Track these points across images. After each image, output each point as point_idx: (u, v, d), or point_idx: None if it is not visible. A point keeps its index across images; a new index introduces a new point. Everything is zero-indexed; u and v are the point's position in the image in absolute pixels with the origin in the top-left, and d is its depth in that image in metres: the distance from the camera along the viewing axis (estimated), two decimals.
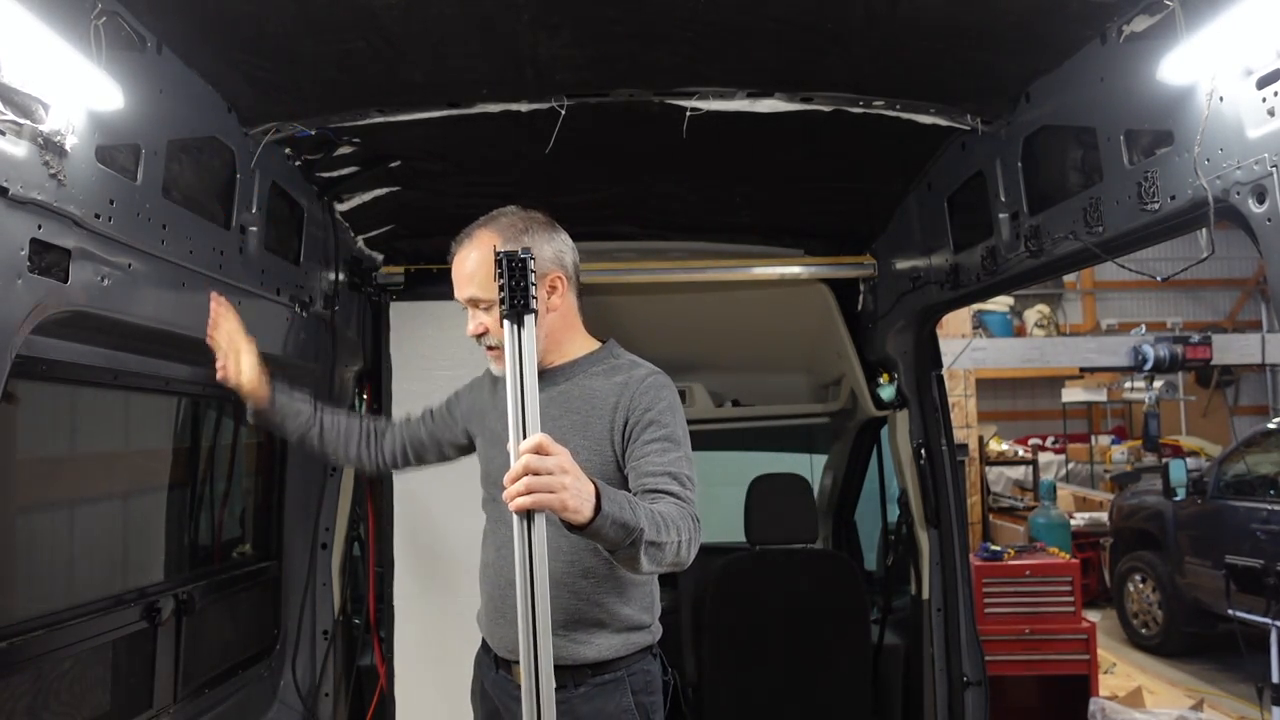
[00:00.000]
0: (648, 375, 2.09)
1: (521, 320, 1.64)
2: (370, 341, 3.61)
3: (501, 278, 1.62)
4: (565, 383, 2.11)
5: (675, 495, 1.90)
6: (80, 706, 2.29)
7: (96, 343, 2.13)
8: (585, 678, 2.03)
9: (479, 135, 2.70)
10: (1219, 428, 13.61)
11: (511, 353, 1.66)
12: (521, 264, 1.62)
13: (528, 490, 1.57)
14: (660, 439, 1.98)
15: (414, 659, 3.46)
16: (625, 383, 2.06)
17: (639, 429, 2.00)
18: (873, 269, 3.80)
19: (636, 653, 2.10)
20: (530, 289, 1.62)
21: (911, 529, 3.78)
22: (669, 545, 1.78)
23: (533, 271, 1.63)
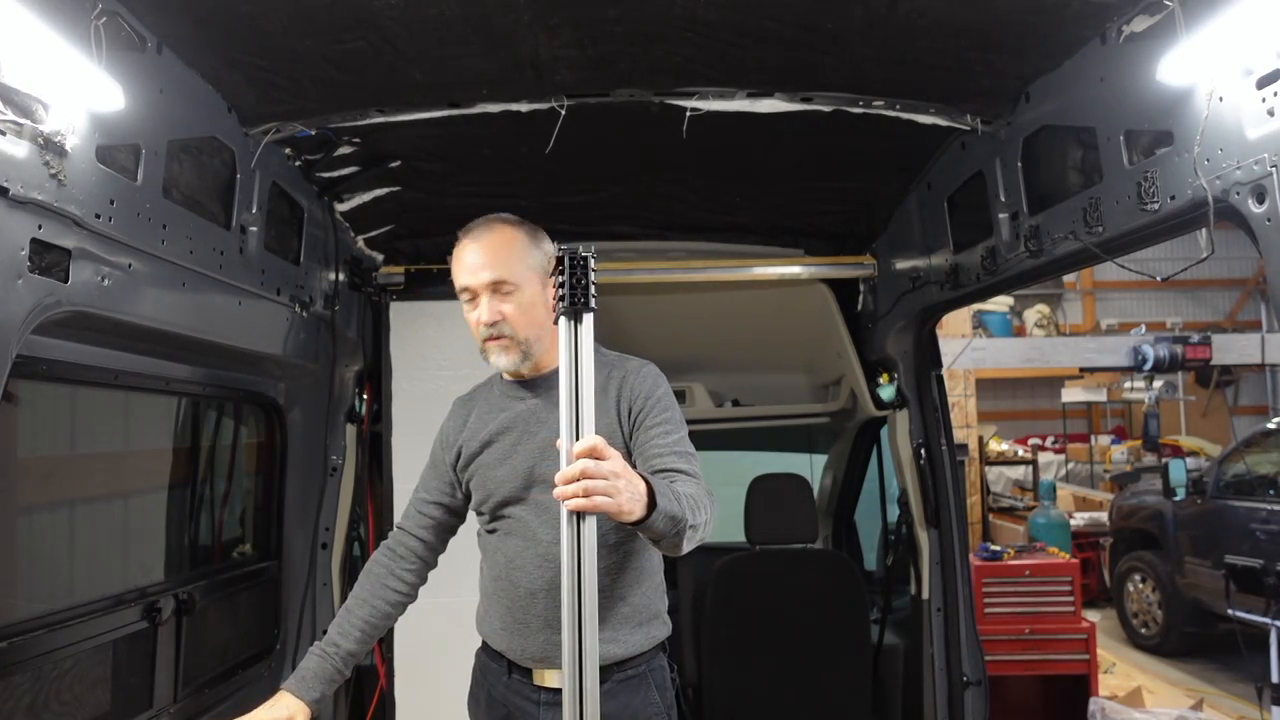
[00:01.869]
0: (641, 365, 2.13)
1: (580, 318, 1.62)
2: (370, 341, 3.61)
3: (563, 274, 1.60)
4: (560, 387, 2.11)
5: (688, 474, 1.94)
6: (80, 706, 2.29)
7: (96, 343, 2.13)
8: (609, 675, 2.01)
9: (479, 135, 2.70)
10: (1219, 428, 13.62)
11: (569, 352, 1.64)
12: (584, 261, 1.61)
13: (585, 494, 1.57)
14: (663, 422, 2.02)
15: (414, 659, 3.46)
16: (622, 375, 2.09)
17: (643, 415, 2.03)
18: (873, 269, 3.80)
19: (654, 648, 2.12)
20: (591, 287, 1.61)
21: (911, 529, 3.78)
22: (703, 525, 1.84)
23: (593, 271, 1.62)
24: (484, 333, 2.06)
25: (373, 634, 2.23)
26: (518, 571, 2.07)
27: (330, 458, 3.44)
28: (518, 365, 2.08)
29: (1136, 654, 7.56)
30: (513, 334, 2.05)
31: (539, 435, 2.07)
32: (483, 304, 2.05)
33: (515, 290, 2.04)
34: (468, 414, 2.23)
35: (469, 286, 2.07)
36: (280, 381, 3.20)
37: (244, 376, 2.99)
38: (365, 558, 3.62)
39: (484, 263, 2.04)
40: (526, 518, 2.08)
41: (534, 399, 2.12)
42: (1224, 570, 4.98)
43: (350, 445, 3.53)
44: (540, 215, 3.50)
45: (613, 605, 2.03)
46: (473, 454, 2.15)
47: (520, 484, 2.08)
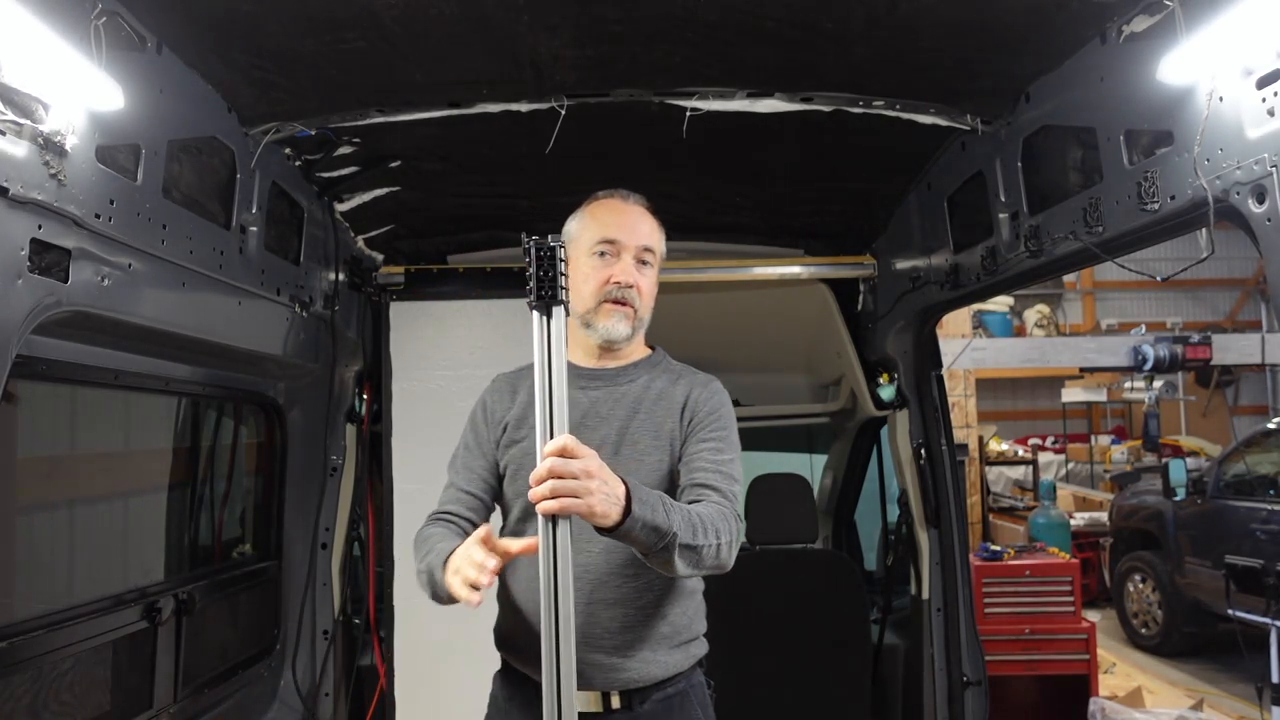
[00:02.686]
0: (710, 380, 2.07)
1: (550, 312, 1.58)
2: (370, 341, 3.61)
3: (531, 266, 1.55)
4: (629, 384, 2.02)
5: (720, 492, 1.86)
6: (80, 706, 2.29)
7: (96, 343, 2.13)
8: (648, 695, 1.93)
9: (479, 135, 2.70)
10: (1219, 428, 13.62)
11: (541, 348, 1.59)
12: (551, 253, 1.56)
13: (553, 494, 1.53)
14: (716, 439, 1.94)
15: (414, 659, 3.46)
16: (690, 385, 2.02)
17: (698, 428, 1.96)
18: (873, 269, 3.80)
19: (693, 665, 2.03)
20: (560, 279, 1.56)
21: (911, 529, 3.78)
22: (706, 548, 1.73)
23: (563, 261, 1.57)
24: (611, 292, 1.95)
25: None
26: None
27: (330, 458, 3.44)
28: (627, 337, 1.98)
29: (1136, 654, 7.56)
30: (638, 307, 1.97)
31: (598, 431, 1.94)
32: (626, 263, 1.95)
33: (651, 268, 2.00)
34: (514, 390, 2.07)
35: (617, 240, 1.96)
36: (280, 381, 3.20)
37: (244, 376, 2.99)
38: (365, 558, 3.63)
39: (640, 225, 1.99)
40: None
41: (598, 391, 2.00)
42: (1224, 570, 4.99)
43: (350, 445, 3.53)
44: (540, 215, 3.53)
45: (651, 623, 1.92)
46: (518, 437, 2.00)
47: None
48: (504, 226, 3.61)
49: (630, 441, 1.95)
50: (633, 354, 2.06)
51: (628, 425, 1.96)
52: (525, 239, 1.58)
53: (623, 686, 1.90)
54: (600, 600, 1.88)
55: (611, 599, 1.89)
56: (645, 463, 1.93)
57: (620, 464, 1.84)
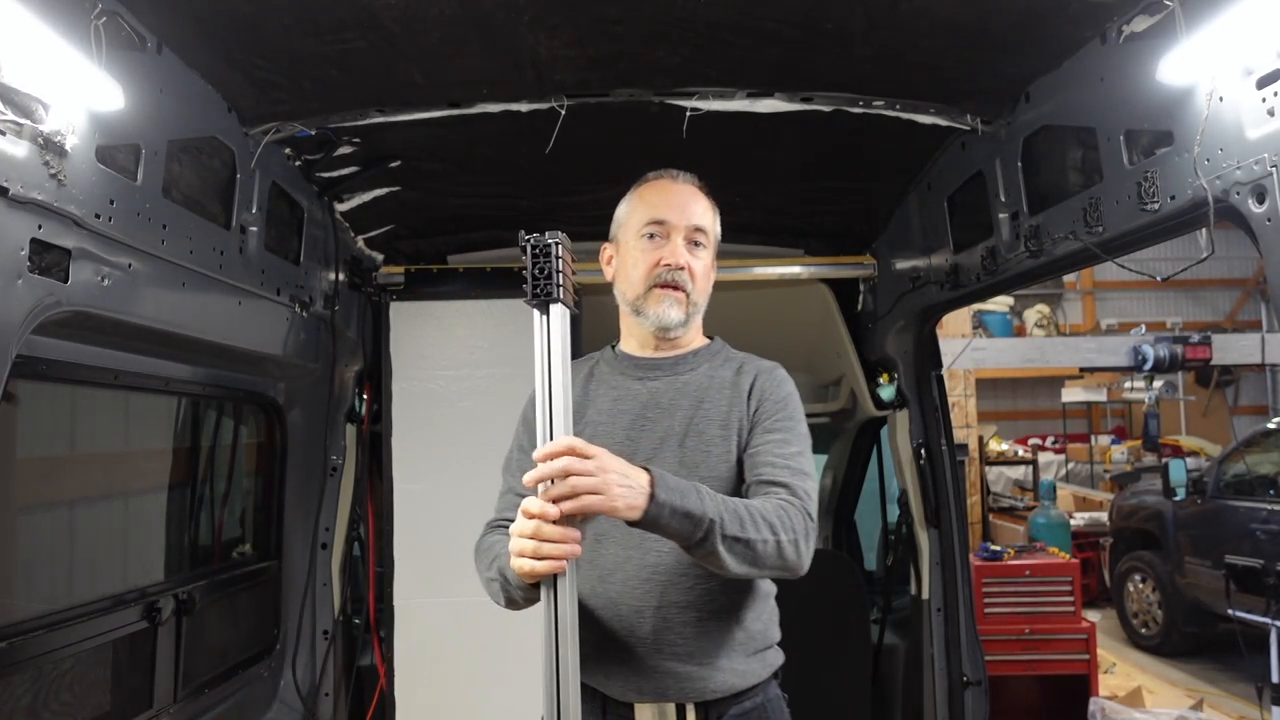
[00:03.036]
0: (774, 366, 1.95)
1: (549, 309, 1.55)
2: (370, 341, 3.61)
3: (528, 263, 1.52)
4: (690, 373, 1.91)
5: (788, 488, 1.73)
6: (80, 706, 2.29)
7: (96, 343, 2.13)
8: (725, 708, 1.79)
9: (479, 135, 2.70)
10: (1219, 428, 13.62)
11: (541, 347, 1.54)
12: (548, 249, 1.52)
13: (572, 493, 1.46)
14: (782, 430, 1.83)
15: (414, 659, 3.46)
16: (755, 373, 1.91)
17: (764, 418, 1.84)
18: (873, 269, 3.80)
19: (770, 676, 1.89)
20: (558, 276, 1.52)
21: (911, 529, 3.78)
22: (760, 543, 1.60)
23: (560, 259, 1.52)
24: (662, 275, 1.85)
25: None
26: (617, 586, 1.77)
27: (330, 458, 3.44)
28: (680, 324, 1.87)
29: (1136, 654, 7.56)
30: (690, 290, 1.86)
31: (660, 424, 1.84)
32: (676, 244, 1.85)
33: (707, 247, 1.90)
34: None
35: (665, 220, 1.87)
36: (280, 381, 3.20)
37: (244, 376, 2.99)
38: (365, 558, 3.63)
39: (691, 205, 1.89)
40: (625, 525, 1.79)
41: (657, 382, 1.90)
42: (1224, 570, 4.99)
43: (350, 445, 3.53)
44: (540, 215, 3.53)
45: (727, 629, 1.78)
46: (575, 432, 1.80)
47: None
48: (504, 226, 3.60)
49: (695, 433, 1.83)
50: (691, 342, 1.96)
51: (692, 416, 1.84)
52: (522, 236, 1.54)
53: (699, 698, 1.76)
54: (672, 603, 1.75)
55: (684, 601, 1.76)
56: (712, 454, 1.82)
57: (686, 456, 1.79)
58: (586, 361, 2.01)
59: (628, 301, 1.91)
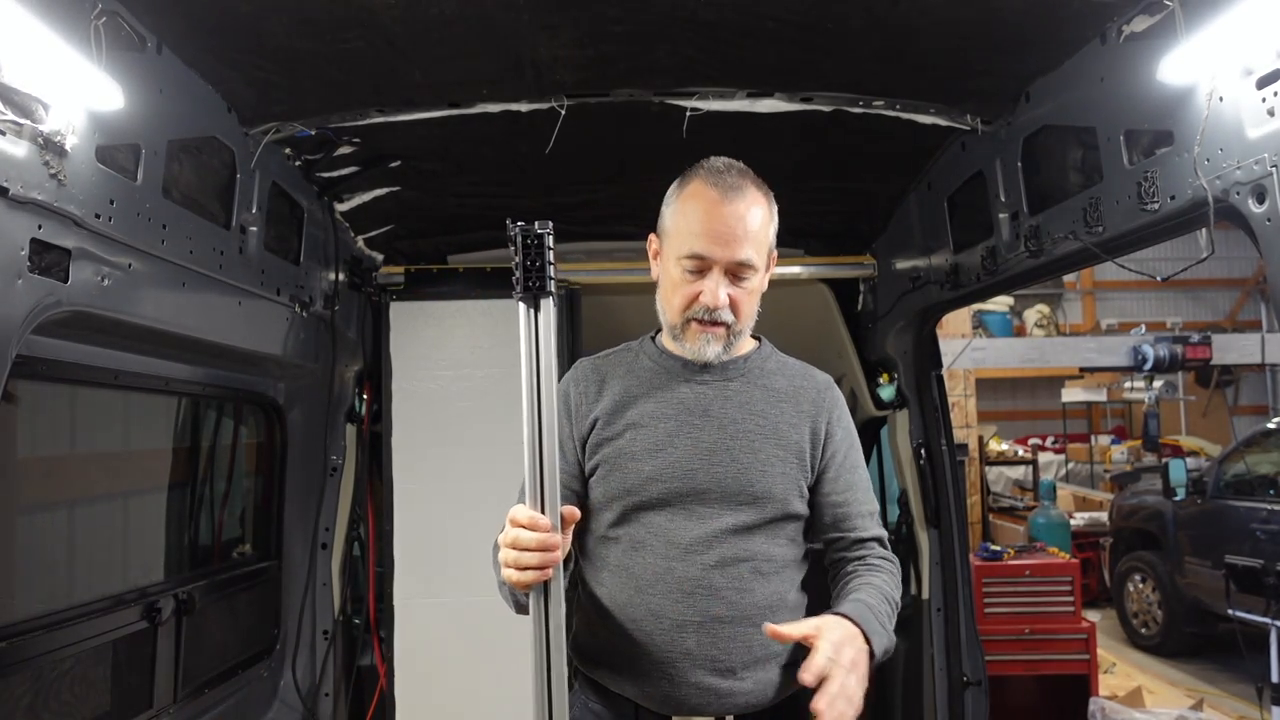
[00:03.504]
0: (830, 383, 1.86)
1: (538, 304, 1.46)
2: (370, 341, 3.61)
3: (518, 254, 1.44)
4: (741, 379, 1.80)
5: (880, 542, 1.80)
6: (80, 706, 2.29)
7: (96, 343, 2.13)
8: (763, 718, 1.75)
9: (479, 135, 2.70)
10: (1219, 428, 13.61)
11: (528, 343, 1.46)
12: (539, 240, 1.43)
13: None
14: (855, 467, 1.80)
15: (414, 659, 3.46)
16: (816, 389, 1.82)
17: (840, 452, 1.79)
18: (873, 269, 3.80)
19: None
20: (549, 268, 1.44)
21: (911, 529, 3.78)
22: (892, 621, 1.67)
23: (550, 249, 1.44)
24: (699, 313, 1.72)
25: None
26: (658, 598, 1.69)
27: (330, 458, 3.44)
28: (720, 356, 1.76)
29: (1136, 654, 7.56)
30: (732, 323, 1.73)
31: (707, 432, 1.74)
32: (714, 282, 1.69)
33: (753, 275, 1.73)
34: (602, 380, 1.82)
35: (707, 257, 1.69)
36: (280, 381, 3.20)
37: (244, 376, 3.00)
38: (365, 558, 3.63)
39: (737, 234, 1.68)
40: (672, 530, 1.71)
41: (704, 386, 1.78)
42: (1224, 570, 4.98)
43: (350, 445, 3.53)
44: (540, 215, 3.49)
45: (766, 642, 1.69)
46: (611, 434, 1.75)
47: (675, 486, 1.71)
48: (504, 227, 3.60)
49: (749, 448, 1.74)
50: (741, 347, 1.82)
51: (746, 428, 1.75)
52: (511, 224, 1.45)
53: (737, 711, 1.73)
54: (716, 618, 1.70)
55: (727, 616, 1.70)
56: (770, 473, 1.74)
57: (741, 472, 1.72)
58: (625, 353, 1.88)
59: (667, 323, 1.79)
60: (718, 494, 1.71)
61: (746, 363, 1.83)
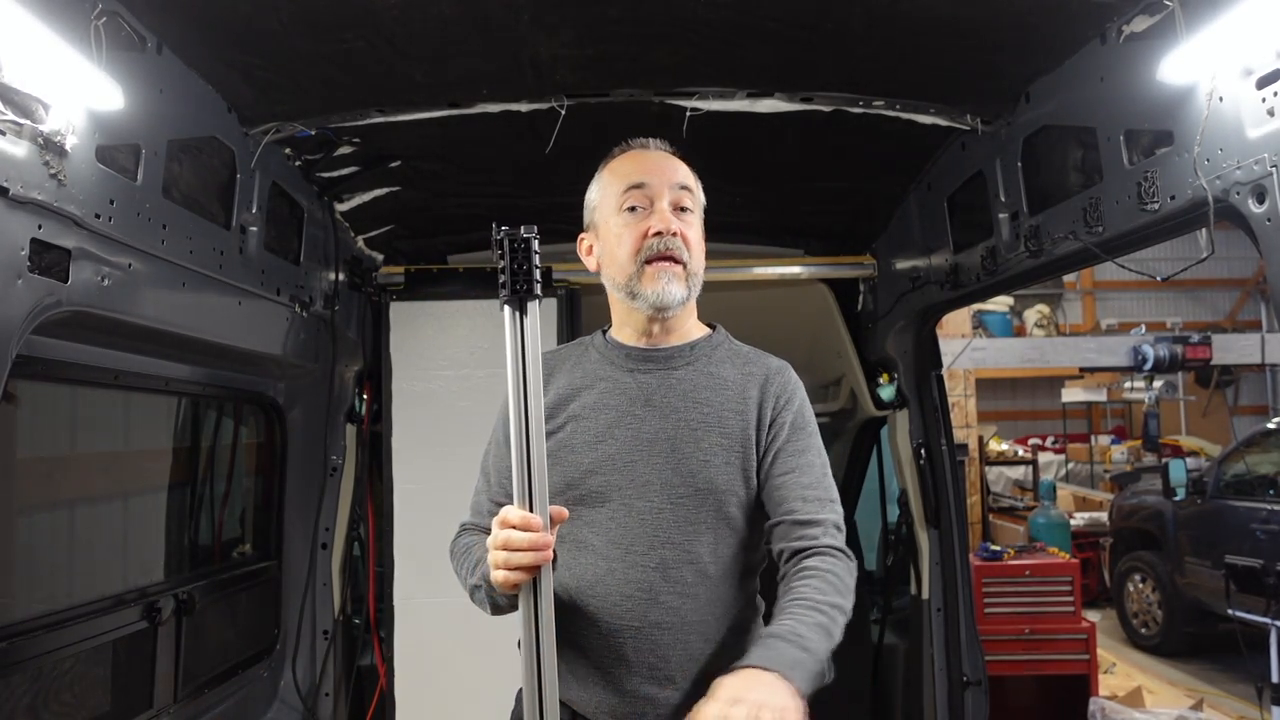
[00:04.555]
0: (783, 367, 1.77)
1: (525, 308, 1.44)
2: (370, 341, 3.61)
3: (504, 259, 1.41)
4: (686, 368, 1.73)
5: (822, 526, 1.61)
6: (80, 706, 2.29)
7: (96, 343, 2.13)
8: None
9: (479, 135, 2.70)
10: (1219, 428, 13.61)
11: (514, 349, 1.43)
12: (526, 244, 1.42)
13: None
14: (805, 450, 1.68)
15: (414, 659, 3.46)
16: (764, 374, 1.73)
17: (784, 438, 1.68)
18: (873, 269, 3.80)
19: None
20: (535, 272, 1.42)
21: (911, 529, 3.78)
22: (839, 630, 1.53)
23: (537, 254, 1.42)
24: (653, 246, 1.65)
25: None
26: (597, 601, 1.63)
27: (330, 458, 3.44)
28: (681, 301, 1.68)
29: (1136, 654, 7.56)
30: (687, 260, 1.66)
31: (648, 423, 1.67)
32: (662, 209, 1.66)
33: (694, 212, 1.70)
34: (550, 374, 1.75)
35: (645, 184, 1.67)
36: (280, 381, 3.20)
37: (244, 376, 3.00)
38: (365, 558, 3.63)
39: (667, 166, 1.71)
40: (613, 528, 1.65)
41: (647, 375, 1.71)
42: (1224, 570, 4.98)
43: (350, 445, 3.53)
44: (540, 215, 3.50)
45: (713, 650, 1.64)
46: (553, 428, 1.68)
47: (614, 479, 1.65)
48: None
49: (691, 439, 1.66)
50: (689, 332, 1.77)
51: (687, 418, 1.67)
52: (496, 229, 1.42)
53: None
54: (655, 624, 1.62)
55: (667, 622, 1.62)
56: (711, 464, 1.65)
57: (680, 464, 1.64)
58: (576, 347, 1.83)
59: (619, 286, 1.71)
60: (658, 486, 1.64)
61: (693, 350, 1.75)
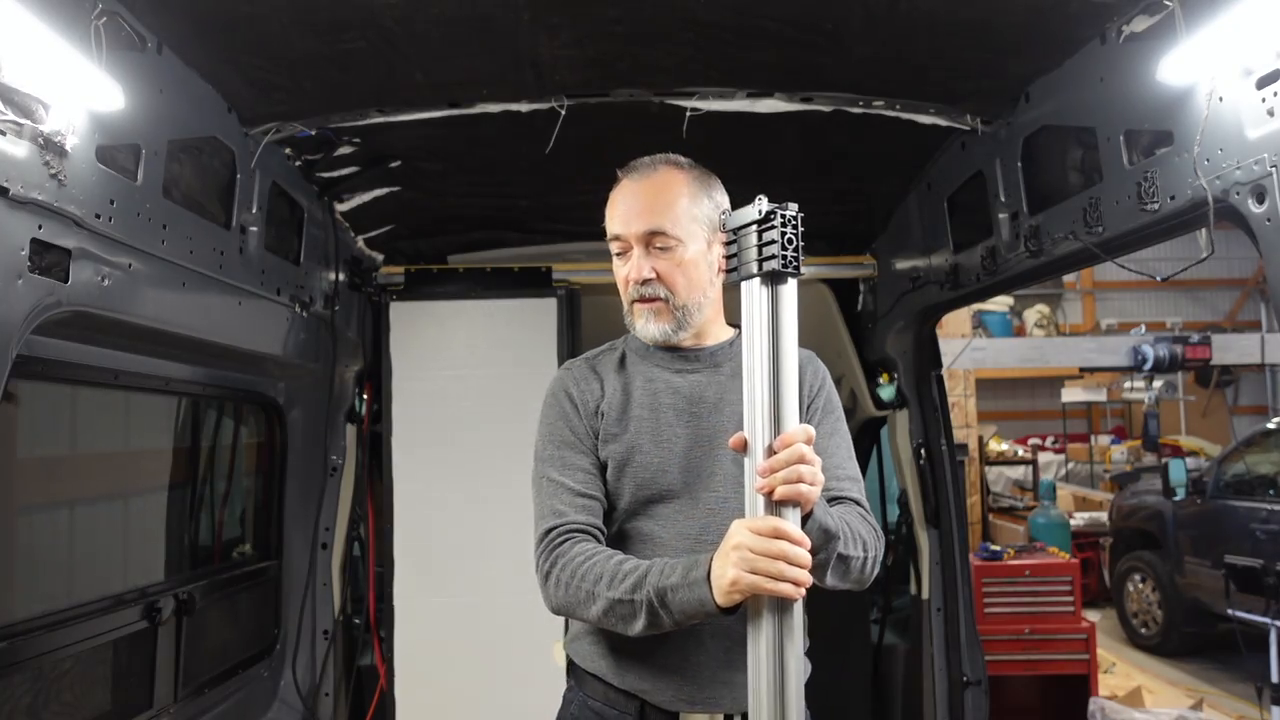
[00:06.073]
0: (811, 355, 1.85)
1: (785, 281, 1.48)
2: (370, 341, 3.61)
3: (770, 229, 1.46)
4: (731, 363, 1.78)
5: (860, 505, 1.72)
6: (80, 706, 2.29)
7: (96, 343, 2.13)
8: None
9: (479, 135, 2.70)
10: (1219, 428, 13.61)
11: (764, 321, 1.46)
12: (795, 220, 1.47)
13: (798, 479, 1.40)
14: (837, 433, 1.77)
15: (414, 659, 3.46)
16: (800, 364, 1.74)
17: (816, 417, 1.77)
18: (873, 269, 3.80)
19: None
20: (800, 247, 1.47)
21: (911, 529, 3.78)
22: (855, 560, 1.61)
23: (800, 230, 1.47)
24: (633, 292, 1.75)
25: None
26: None
27: (330, 458, 3.45)
28: (669, 336, 1.75)
29: (1136, 654, 7.56)
30: (668, 296, 1.73)
31: (705, 419, 1.73)
32: (634, 258, 1.73)
33: (676, 245, 1.71)
34: (600, 378, 1.81)
35: (620, 235, 1.75)
36: (280, 381, 3.20)
37: (244, 376, 3.00)
38: (365, 558, 3.64)
39: (641, 208, 1.73)
40: (680, 520, 1.70)
41: (695, 374, 1.78)
42: (1224, 570, 4.98)
43: (350, 445, 3.53)
44: (540, 215, 3.53)
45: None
46: (618, 430, 1.74)
47: (678, 476, 1.71)
48: (504, 226, 3.61)
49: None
50: (720, 334, 1.83)
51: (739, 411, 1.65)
52: (759, 202, 1.49)
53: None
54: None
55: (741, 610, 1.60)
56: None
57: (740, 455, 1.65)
58: (611, 351, 1.88)
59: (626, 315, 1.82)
60: (721, 478, 1.70)
61: (732, 347, 1.81)
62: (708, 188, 1.79)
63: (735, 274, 1.50)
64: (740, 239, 1.50)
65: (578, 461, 1.73)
